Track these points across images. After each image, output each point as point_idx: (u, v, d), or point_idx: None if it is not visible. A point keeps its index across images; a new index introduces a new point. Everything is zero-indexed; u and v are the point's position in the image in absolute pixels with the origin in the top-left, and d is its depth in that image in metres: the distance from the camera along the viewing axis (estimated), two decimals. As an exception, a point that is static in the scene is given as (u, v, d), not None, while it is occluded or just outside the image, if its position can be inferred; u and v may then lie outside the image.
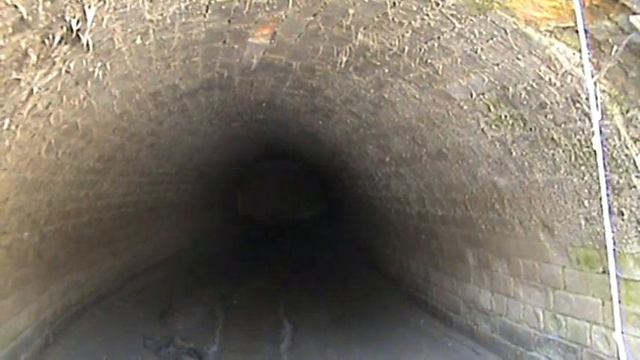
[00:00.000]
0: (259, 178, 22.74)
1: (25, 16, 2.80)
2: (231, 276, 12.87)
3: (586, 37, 2.85)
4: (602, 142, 1.27)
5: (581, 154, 4.30)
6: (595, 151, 1.39)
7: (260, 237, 19.48)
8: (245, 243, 18.24)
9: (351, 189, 12.51)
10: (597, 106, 1.31)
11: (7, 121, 4.04)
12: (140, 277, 11.10)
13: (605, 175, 1.51)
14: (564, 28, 3.46)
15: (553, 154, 4.62)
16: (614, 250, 2.25)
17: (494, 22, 3.74)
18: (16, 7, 2.65)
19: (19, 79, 3.53)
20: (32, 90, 3.88)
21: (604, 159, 1.95)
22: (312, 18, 4.52)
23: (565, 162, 4.54)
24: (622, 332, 2.73)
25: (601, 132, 1.27)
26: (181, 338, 8.04)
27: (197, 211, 15.98)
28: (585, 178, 4.44)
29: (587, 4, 3.15)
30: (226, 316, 9.53)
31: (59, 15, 3.05)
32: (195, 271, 13.01)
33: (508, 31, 3.75)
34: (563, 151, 4.48)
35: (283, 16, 4.47)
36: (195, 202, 15.49)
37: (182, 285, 11.51)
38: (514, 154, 5.12)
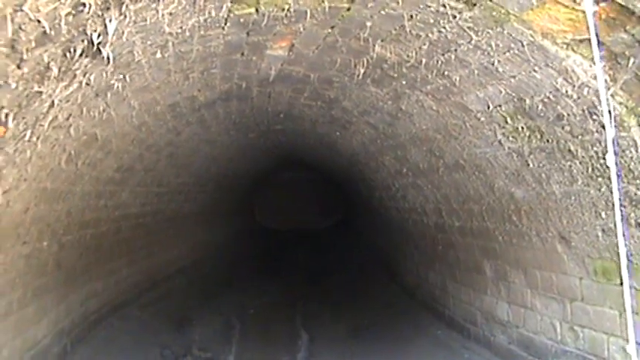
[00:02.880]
0: (277, 188, 22.77)
1: (48, 31, 2.84)
2: (248, 286, 12.90)
3: (600, 49, 2.85)
4: (616, 158, 1.28)
5: (598, 165, 4.29)
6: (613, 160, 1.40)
7: (277, 247, 19.49)
8: (262, 253, 18.25)
9: (369, 199, 12.50)
10: (611, 123, 1.32)
11: (28, 133, 4.09)
12: (158, 286, 11.15)
13: (621, 188, 1.52)
14: (581, 41, 3.46)
15: (570, 166, 4.61)
16: (628, 261, 2.25)
17: (511, 35, 3.75)
18: (39, 21, 2.69)
19: (40, 92, 3.58)
20: (53, 102, 3.93)
21: (620, 171, 1.96)
22: (329, 30, 4.55)
23: (582, 173, 4.53)
24: (636, 344, 2.72)
25: (615, 150, 1.28)
26: (198, 348, 8.08)
27: (215, 221, 16.02)
28: (602, 190, 4.43)
29: (603, 16, 3.15)
30: (243, 326, 9.56)
31: (81, 29, 3.10)
32: (213, 281, 13.05)
33: (525, 43, 3.75)
34: (580, 163, 4.47)
35: (301, 29, 4.50)
36: (213, 212, 15.53)
37: (199, 294, 11.55)
38: (531, 165, 5.11)
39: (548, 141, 4.66)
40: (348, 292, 12.24)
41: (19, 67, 3.07)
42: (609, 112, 1.31)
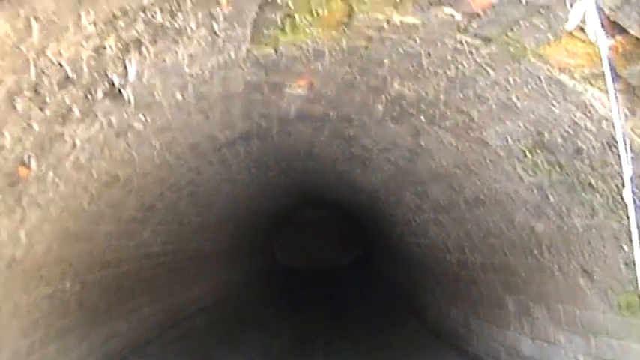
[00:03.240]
0: (297, 226, 22.77)
1: (70, 74, 2.89)
2: (270, 324, 12.84)
3: (615, 81, 2.85)
4: (633, 195, 1.27)
5: (619, 198, 4.26)
6: (630, 198, 1.39)
7: (298, 284, 19.42)
8: (283, 291, 18.18)
9: (389, 235, 12.46)
10: (628, 160, 1.31)
11: (51, 174, 4.14)
12: (179, 325, 11.12)
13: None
14: (598, 74, 3.47)
15: (591, 199, 4.58)
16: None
17: (528, 70, 3.77)
18: (61, 65, 2.74)
19: (62, 134, 3.64)
20: (75, 143, 3.98)
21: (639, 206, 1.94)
22: (348, 69, 4.58)
23: (603, 207, 4.49)
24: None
25: (632, 187, 1.28)
26: (220, 387, 8.04)
27: (235, 260, 16.01)
28: (624, 223, 4.39)
29: (620, 49, 3.16)
30: (265, 364, 9.51)
31: (102, 71, 3.15)
32: (234, 320, 12.99)
33: (542, 78, 3.76)
34: (600, 196, 4.44)
35: (320, 68, 4.54)
36: (234, 251, 15.53)
37: (221, 333, 11.50)
38: (551, 199, 5.09)
39: (567, 174, 4.64)
40: (368, 327, 12.14)
41: (41, 109, 3.12)
42: (625, 148, 1.31)
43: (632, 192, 1.19)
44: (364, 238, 19.51)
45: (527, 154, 4.87)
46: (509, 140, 4.88)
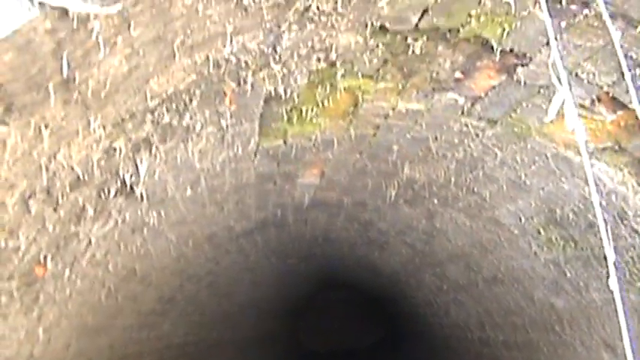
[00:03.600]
0: (319, 309, 22.54)
1: (82, 176, 2.96)
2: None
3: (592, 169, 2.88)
4: (620, 283, 1.29)
5: (635, 270, 4.22)
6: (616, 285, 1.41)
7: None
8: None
9: (412, 317, 12.34)
10: (610, 244, 1.33)
11: (67, 271, 4.18)
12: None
13: (627, 311, 1.50)
14: (604, 149, 3.50)
15: (607, 273, 4.54)
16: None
17: (534, 149, 3.81)
18: (72, 168, 2.81)
19: (77, 232, 3.69)
20: (90, 241, 4.03)
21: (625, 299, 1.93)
22: (358, 156, 4.65)
23: (620, 280, 4.45)
24: None
25: (618, 274, 1.29)
26: None
27: (258, 347, 15.83)
28: (643, 295, 4.35)
29: (622, 123, 3.20)
30: None
31: (113, 171, 3.22)
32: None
33: (549, 155, 3.80)
34: (616, 269, 4.40)
35: (330, 156, 4.61)
36: (256, 337, 15.37)
37: None
38: (568, 274, 5.05)
39: (582, 249, 4.62)
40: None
41: (55, 210, 3.18)
42: (607, 231, 1.33)
43: (618, 278, 1.21)
44: (386, 320, 19.27)
45: (541, 230, 4.86)
46: (522, 218, 4.89)
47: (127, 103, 2.58)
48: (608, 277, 1.30)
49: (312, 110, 3.71)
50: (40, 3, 1.62)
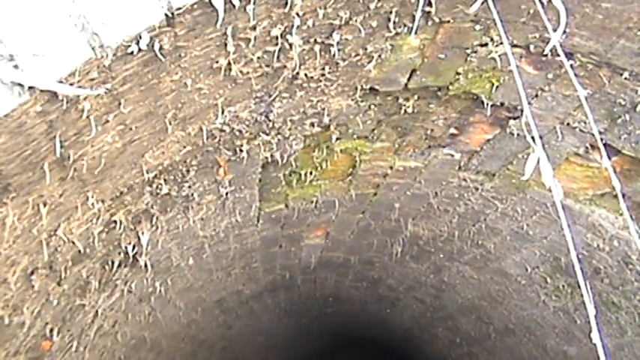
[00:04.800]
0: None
1: (83, 250, 3.00)
2: None
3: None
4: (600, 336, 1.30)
5: (644, 313, 4.21)
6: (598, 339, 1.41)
7: None
8: None
9: (429, 373, 12.18)
10: (591, 301, 1.35)
11: (75, 343, 4.18)
12: None
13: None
14: (602, 195, 3.51)
15: (617, 318, 4.51)
16: None
17: (534, 199, 3.83)
18: (73, 243, 2.85)
19: (83, 304, 3.71)
20: (97, 312, 4.04)
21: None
22: (361, 215, 4.68)
23: (630, 324, 4.41)
24: None
25: (599, 329, 1.30)
26: None
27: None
28: (654, 340, 4.32)
29: (618, 169, 3.22)
30: None
31: (115, 243, 3.26)
32: None
33: (549, 204, 3.82)
34: (626, 314, 4.37)
35: (333, 217, 4.65)
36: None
37: None
38: (578, 322, 5.01)
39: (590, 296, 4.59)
40: None
41: (59, 284, 3.21)
42: (586, 285, 1.35)
43: (599, 330, 1.22)
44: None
45: (548, 279, 4.85)
46: (528, 268, 4.88)
47: (123, 177, 2.63)
48: (590, 332, 1.30)
49: (311, 173, 3.75)
50: (29, 87, 1.68)
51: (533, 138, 1.44)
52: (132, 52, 1.81)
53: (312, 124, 3.08)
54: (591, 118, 1.38)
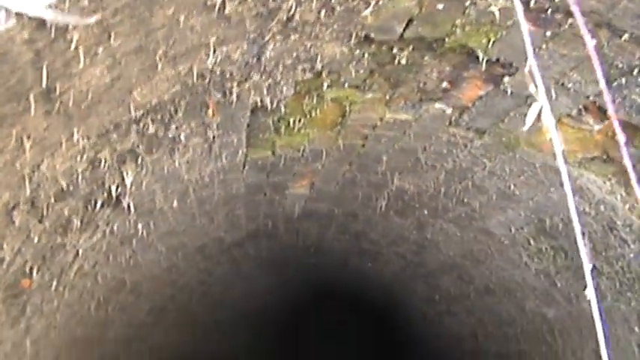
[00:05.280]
0: (312, 322, 22.46)
1: (66, 187, 2.95)
2: None
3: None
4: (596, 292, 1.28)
5: (625, 280, 4.22)
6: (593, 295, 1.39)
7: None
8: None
9: (405, 329, 12.30)
10: (586, 251, 1.32)
11: (54, 283, 4.16)
12: None
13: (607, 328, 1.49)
14: (592, 159, 3.49)
15: (598, 283, 4.52)
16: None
17: (523, 159, 3.81)
18: (56, 179, 2.80)
19: (64, 244, 3.67)
20: (78, 252, 4.01)
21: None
22: (347, 167, 4.65)
23: (610, 289, 4.44)
24: None
25: (594, 283, 1.28)
26: None
27: (251, 359, 15.75)
28: (632, 305, 4.33)
29: (609, 133, 3.20)
30: None
31: (99, 182, 3.21)
32: None
33: (537, 165, 3.80)
34: (607, 279, 4.40)
35: (319, 167, 4.60)
36: (249, 349, 15.29)
37: None
38: (559, 285, 5.04)
39: (572, 259, 4.60)
40: None
41: (40, 221, 3.17)
42: (583, 239, 1.32)
43: (595, 288, 1.20)
44: (377, 332, 19.18)
45: (531, 240, 4.86)
46: (512, 228, 4.89)
47: (110, 113, 2.57)
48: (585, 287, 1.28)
49: (299, 121, 3.70)
50: (17, 13, 1.61)
51: (536, 86, 1.40)
52: (124, -18, 1.75)
53: (304, 70, 3.02)
54: (598, 67, 1.33)
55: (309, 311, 20.95)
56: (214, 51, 2.50)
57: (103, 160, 2.97)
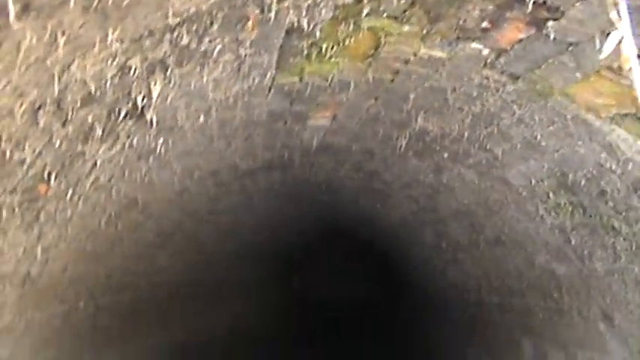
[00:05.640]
0: (315, 259, 22.66)
1: (94, 92, 2.89)
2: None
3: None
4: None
5: (643, 241, 4.18)
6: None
7: (315, 318, 19.26)
8: (299, 323, 18.02)
9: (407, 274, 12.35)
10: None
11: (70, 192, 4.14)
12: (191, 355, 11.04)
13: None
14: (625, 115, 3.41)
15: (614, 243, 4.48)
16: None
17: (554, 109, 3.72)
18: (85, 82, 2.74)
19: (83, 152, 3.63)
20: (96, 163, 3.98)
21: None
22: (373, 102, 4.57)
23: (626, 250, 4.39)
24: None
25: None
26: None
27: (251, 291, 15.92)
28: (646, 267, 4.31)
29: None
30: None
31: (126, 91, 3.15)
32: (248, 352, 12.89)
33: (568, 117, 3.71)
34: (624, 240, 4.35)
35: (344, 99, 4.53)
36: (252, 283, 15.44)
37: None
38: (573, 241, 4.99)
39: (591, 217, 4.55)
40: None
41: (63, 125, 3.12)
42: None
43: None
44: (382, 275, 19.32)
45: (551, 194, 4.79)
46: (533, 180, 4.82)
47: (147, 18, 2.49)
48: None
49: (332, 48, 3.61)
50: None
51: (618, 12, 1.32)
52: None
53: (346, -7, 2.93)
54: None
55: (316, 248, 21.12)
56: (259, -39, 2.42)
57: (133, 68, 2.90)
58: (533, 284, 6.23)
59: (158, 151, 4.58)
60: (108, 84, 2.91)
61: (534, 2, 2.86)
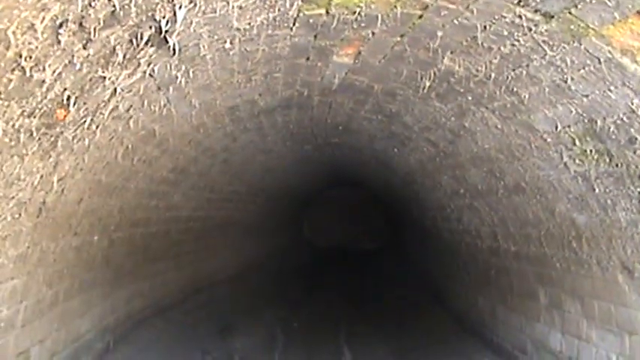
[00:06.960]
0: (327, 204, 22.71)
1: (117, 11, 2.79)
2: (292, 300, 12.76)
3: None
4: None
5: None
6: None
7: (323, 264, 19.37)
8: (308, 269, 18.12)
9: (421, 220, 12.31)
10: None
11: (88, 120, 4.07)
12: (203, 292, 11.15)
13: None
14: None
15: (639, 193, 4.39)
16: None
17: (588, 51, 3.58)
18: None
19: (104, 77, 3.55)
20: (115, 90, 3.90)
21: None
22: (398, 39, 4.44)
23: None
24: None
25: None
26: (240, 357, 7.97)
27: (263, 233, 16.00)
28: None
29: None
30: (286, 339, 9.38)
31: (150, 13, 3.05)
32: (257, 292, 12.98)
33: (602, 60, 3.57)
34: (646, 188, 4.26)
35: (369, 35, 4.40)
36: (262, 224, 15.51)
37: (243, 304, 11.50)
38: (597, 190, 4.88)
39: (617, 165, 4.44)
40: (392, 314, 11.94)
41: (85, 47, 3.03)
42: None
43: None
44: (394, 221, 19.33)
45: (577, 141, 4.67)
46: (559, 126, 4.70)
47: None
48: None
49: (361, -21, 3.49)
50: None
51: None
52: None
53: None
54: None
55: (327, 192, 21.12)
56: None
57: (159, -13, 2.80)
58: (551, 233, 6.15)
59: (178, 82, 4.49)
60: (132, 3, 2.82)
61: None
